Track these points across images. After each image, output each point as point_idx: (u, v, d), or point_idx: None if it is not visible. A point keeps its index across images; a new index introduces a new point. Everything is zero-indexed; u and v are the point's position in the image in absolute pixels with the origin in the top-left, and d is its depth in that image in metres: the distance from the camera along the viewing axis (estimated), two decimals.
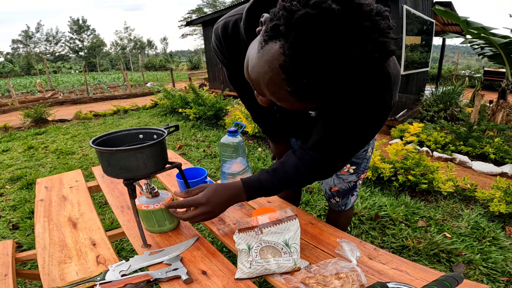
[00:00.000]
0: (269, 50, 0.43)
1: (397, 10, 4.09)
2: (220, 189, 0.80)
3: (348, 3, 0.37)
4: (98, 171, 1.41)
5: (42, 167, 3.33)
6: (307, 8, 0.37)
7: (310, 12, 0.37)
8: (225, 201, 0.80)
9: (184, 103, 5.51)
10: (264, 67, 0.45)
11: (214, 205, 0.78)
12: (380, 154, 2.50)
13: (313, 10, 0.37)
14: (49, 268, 0.79)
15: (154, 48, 65.93)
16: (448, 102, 4.72)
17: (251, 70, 0.49)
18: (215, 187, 0.80)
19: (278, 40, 0.41)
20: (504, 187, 2.01)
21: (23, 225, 2.06)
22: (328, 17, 0.37)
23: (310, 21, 0.37)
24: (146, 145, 0.77)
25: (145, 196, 0.90)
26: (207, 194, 0.79)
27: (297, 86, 0.42)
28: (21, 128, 5.30)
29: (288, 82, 0.42)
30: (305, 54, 0.39)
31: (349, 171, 1.05)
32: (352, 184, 1.08)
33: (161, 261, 0.79)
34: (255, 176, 0.81)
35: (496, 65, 5.43)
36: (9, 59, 43.83)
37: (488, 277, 1.49)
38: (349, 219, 1.28)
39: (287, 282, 0.70)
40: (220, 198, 0.79)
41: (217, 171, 2.83)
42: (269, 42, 0.43)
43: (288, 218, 0.79)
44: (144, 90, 10.58)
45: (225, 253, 1.64)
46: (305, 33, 0.38)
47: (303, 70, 0.40)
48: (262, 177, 0.79)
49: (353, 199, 1.17)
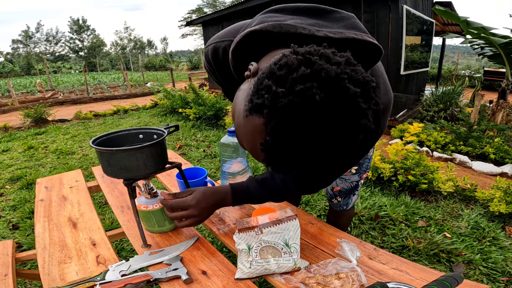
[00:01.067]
0: (252, 121, 0.43)
1: (397, 10, 4.09)
2: (208, 193, 0.81)
3: (333, 89, 0.37)
4: (98, 171, 1.41)
5: (42, 167, 3.33)
6: (291, 95, 0.37)
7: (294, 101, 0.37)
8: (213, 204, 0.81)
9: (184, 103, 5.51)
10: (247, 135, 0.45)
11: (202, 208, 0.79)
12: (380, 154, 2.50)
13: (297, 98, 0.37)
14: (49, 268, 0.79)
15: (154, 48, 65.97)
16: (448, 102, 4.72)
17: (236, 127, 0.50)
18: (203, 191, 0.81)
19: (262, 116, 0.41)
20: (504, 187, 2.01)
21: (23, 225, 2.06)
22: (311, 107, 0.37)
23: (292, 110, 0.37)
24: (146, 145, 0.77)
25: (144, 196, 0.90)
26: (197, 196, 0.79)
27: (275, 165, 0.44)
28: (21, 128, 5.30)
29: (266, 160, 0.44)
30: (285, 142, 0.39)
31: (351, 171, 1.05)
32: (354, 184, 1.09)
33: (161, 261, 0.79)
34: (245, 183, 0.82)
35: (496, 65, 5.43)
36: (9, 59, 43.84)
37: (488, 277, 1.49)
38: (350, 219, 1.28)
39: (287, 282, 0.70)
40: (208, 202, 0.80)
41: (217, 171, 2.83)
42: (253, 114, 0.42)
43: (288, 218, 0.80)
44: (144, 90, 10.58)
45: (225, 253, 1.64)
46: (286, 122, 0.38)
47: (281, 154, 0.41)
48: (251, 185, 0.81)
49: (354, 199, 1.18)
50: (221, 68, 0.75)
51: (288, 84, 0.38)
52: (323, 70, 0.37)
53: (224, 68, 0.74)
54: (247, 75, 0.50)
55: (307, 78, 0.37)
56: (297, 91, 0.37)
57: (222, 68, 0.75)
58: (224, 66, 0.73)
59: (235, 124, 0.51)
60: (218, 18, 7.80)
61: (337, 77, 0.37)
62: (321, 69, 0.38)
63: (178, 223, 0.82)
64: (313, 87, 0.37)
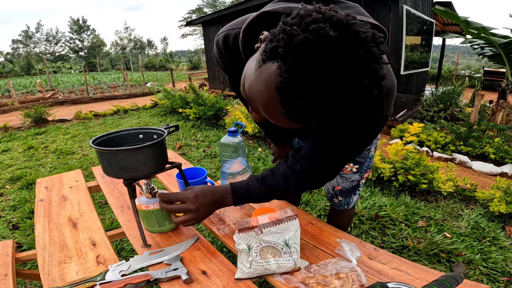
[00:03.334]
0: (266, 70, 0.44)
1: (397, 10, 4.09)
2: (207, 190, 0.80)
3: (345, 30, 0.40)
4: (98, 171, 1.41)
5: (42, 167, 3.33)
6: (306, 33, 0.39)
7: (309, 38, 0.39)
8: (211, 202, 0.79)
9: (184, 103, 5.51)
10: (261, 86, 0.46)
11: (200, 204, 0.77)
12: (380, 154, 2.50)
13: (312, 35, 0.39)
14: (49, 268, 0.79)
15: (154, 48, 65.96)
16: (448, 102, 4.72)
17: (248, 88, 0.51)
18: (202, 187, 0.80)
19: (276, 61, 0.43)
20: (504, 187, 2.01)
21: (23, 225, 2.06)
22: (325, 43, 0.39)
23: (308, 46, 0.39)
24: (146, 145, 0.77)
25: (145, 196, 0.90)
26: (195, 191, 0.79)
27: (291, 108, 0.44)
28: (21, 128, 5.30)
29: (283, 103, 0.44)
30: (301, 77, 0.40)
31: (352, 170, 1.05)
32: (355, 183, 1.08)
33: (161, 261, 0.79)
34: (245, 182, 0.81)
35: (496, 65, 5.43)
36: (9, 59, 43.84)
37: (488, 277, 1.49)
38: (350, 219, 1.28)
39: (287, 282, 0.70)
40: (206, 199, 0.78)
41: (217, 171, 2.83)
42: (267, 62, 0.44)
43: (288, 218, 0.79)
44: (144, 90, 10.58)
45: (225, 253, 1.64)
46: (303, 57, 0.40)
47: (298, 92, 0.42)
48: (251, 183, 0.79)
49: (355, 198, 1.17)
50: (231, 55, 0.78)
51: (302, 26, 0.41)
52: (334, 16, 0.41)
53: (233, 56, 0.77)
54: (258, 46, 0.52)
55: (320, 21, 0.40)
56: (312, 29, 0.39)
57: (232, 56, 0.78)
58: (234, 54, 0.76)
59: (246, 87, 0.52)
60: (218, 18, 7.79)
61: (347, 22, 0.40)
62: (332, 15, 0.41)
63: (175, 218, 0.80)
64: (326, 27, 0.39)
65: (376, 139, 1.06)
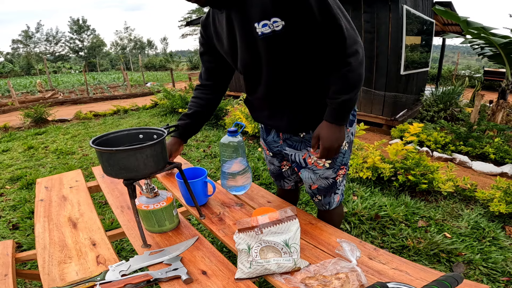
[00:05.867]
0: None
1: (397, 10, 4.08)
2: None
3: None
4: (98, 171, 1.41)
5: (42, 167, 3.33)
6: None
7: None
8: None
9: (184, 103, 5.50)
10: None
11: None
12: (380, 154, 2.50)
13: None
14: (49, 268, 0.79)
15: (154, 48, 65.93)
16: (448, 102, 4.72)
17: None
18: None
19: None
20: (504, 187, 2.01)
21: (23, 225, 2.06)
22: None
23: None
24: (146, 145, 0.77)
25: (145, 196, 0.90)
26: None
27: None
28: (21, 128, 5.30)
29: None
30: None
31: (324, 165, 1.01)
32: (330, 181, 1.05)
33: (161, 261, 0.79)
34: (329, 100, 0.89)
35: (496, 65, 5.43)
36: (9, 59, 43.83)
37: (488, 277, 1.49)
38: (339, 218, 1.22)
39: (287, 282, 0.70)
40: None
41: (217, 171, 2.83)
42: None
43: (288, 218, 0.79)
44: (144, 90, 10.58)
45: (225, 253, 1.64)
46: None
47: None
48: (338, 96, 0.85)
49: (337, 198, 1.12)
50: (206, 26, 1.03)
51: None
52: None
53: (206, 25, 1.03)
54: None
55: None
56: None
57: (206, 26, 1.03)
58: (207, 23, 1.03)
59: None
60: None
61: None
62: None
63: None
64: None
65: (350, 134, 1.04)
